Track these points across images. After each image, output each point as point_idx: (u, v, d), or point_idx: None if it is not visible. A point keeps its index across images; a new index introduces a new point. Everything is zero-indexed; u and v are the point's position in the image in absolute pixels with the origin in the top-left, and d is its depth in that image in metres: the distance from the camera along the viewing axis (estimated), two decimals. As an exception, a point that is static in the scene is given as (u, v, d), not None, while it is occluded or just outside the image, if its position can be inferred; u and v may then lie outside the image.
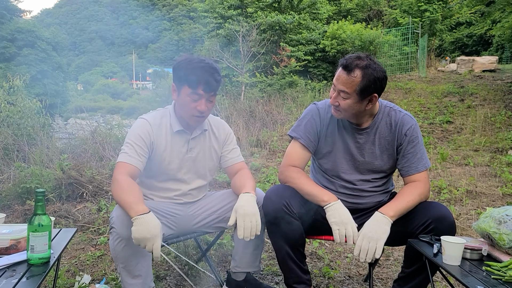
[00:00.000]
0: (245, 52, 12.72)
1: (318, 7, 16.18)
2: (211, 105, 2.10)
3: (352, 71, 1.93)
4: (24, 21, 35.13)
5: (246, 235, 1.91)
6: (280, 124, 8.64)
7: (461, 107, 9.57)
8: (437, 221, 1.92)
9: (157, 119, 2.16)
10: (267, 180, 4.86)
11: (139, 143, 2.05)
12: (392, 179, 2.33)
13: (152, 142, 2.10)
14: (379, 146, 2.14)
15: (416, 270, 2.01)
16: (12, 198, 3.83)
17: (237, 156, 2.33)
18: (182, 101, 2.06)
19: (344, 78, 1.95)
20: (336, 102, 2.00)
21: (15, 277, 1.50)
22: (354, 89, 1.94)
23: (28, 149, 4.79)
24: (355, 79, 1.93)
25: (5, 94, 6.82)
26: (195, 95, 2.02)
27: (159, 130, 2.13)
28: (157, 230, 1.74)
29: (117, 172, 1.97)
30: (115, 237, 1.92)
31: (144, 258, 1.98)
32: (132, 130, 2.11)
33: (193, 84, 2.00)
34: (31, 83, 22.77)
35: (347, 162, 2.17)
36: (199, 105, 2.04)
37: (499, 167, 5.70)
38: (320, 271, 2.78)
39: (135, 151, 2.04)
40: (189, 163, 2.22)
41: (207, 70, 2.01)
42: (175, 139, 2.16)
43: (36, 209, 1.63)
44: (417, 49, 15.37)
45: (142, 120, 2.13)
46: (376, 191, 2.19)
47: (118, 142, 5.51)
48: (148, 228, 1.72)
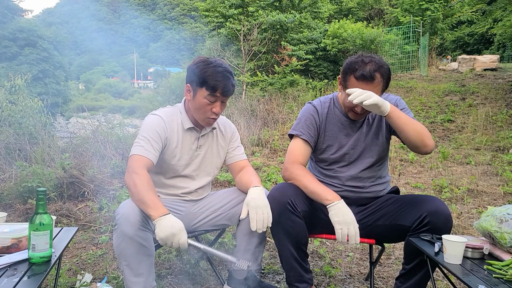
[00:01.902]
0: (246, 51, 12.71)
1: (319, 6, 16.15)
2: (224, 107, 2.15)
3: (374, 79, 1.99)
4: (25, 21, 35.17)
5: (259, 226, 1.96)
6: (281, 123, 8.64)
7: (463, 106, 9.55)
8: (432, 215, 1.93)
9: (169, 116, 2.19)
10: (268, 179, 4.86)
11: (155, 138, 2.08)
12: (387, 166, 2.38)
13: (166, 138, 2.14)
14: (375, 132, 2.22)
15: (416, 266, 2.02)
16: (14, 197, 3.84)
17: (241, 154, 2.37)
18: (198, 102, 2.10)
19: (370, 87, 2.00)
20: (364, 110, 2.05)
21: (16, 276, 1.51)
22: (380, 91, 2.04)
23: (30, 148, 4.79)
24: (380, 83, 2.02)
25: (7, 93, 6.82)
26: (212, 98, 2.06)
27: (172, 126, 2.17)
28: (181, 226, 1.82)
29: (136, 166, 1.99)
30: (119, 234, 1.92)
31: (147, 257, 1.98)
32: (146, 125, 2.13)
33: (211, 88, 2.04)
34: (33, 82, 22.79)
35: (352, 149, 2.22)
36: (214, 107, 2.09)
37: (501, 166, 5.69)
38: (321, 270, 2.78)
39: (151, 145, 2.06)
40: (198, 160, 2.26)
41: (225, 74, 2.06)
42: (186, 136, 2.21)
43: (37, 208, 1.63)
44: (418, 48, 15.35)
45: (156, 116, 2.16)
46: (374, 176, 2.25)
47: (120, 141, 5.51)
48: (172, 225, 1.79)
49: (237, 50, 14.03)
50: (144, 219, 1.95)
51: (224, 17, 15.21)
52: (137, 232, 1.91)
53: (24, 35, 31.81)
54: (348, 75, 2.04)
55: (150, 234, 2.00)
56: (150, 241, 1.99)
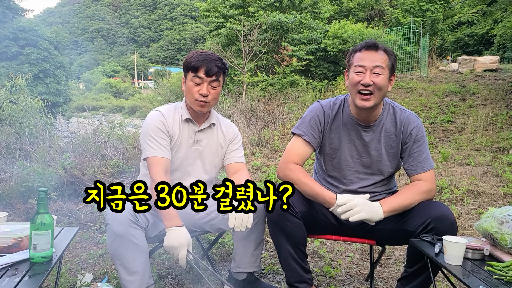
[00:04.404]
0: (246, 52, 12.71)
1: (319, 6, 16.16)
2: (214, 92, 2.16)
3: (379, 48, 2.01)
4: (26, 20, 35.15)
5: (237, 225, 1.96)
6: (282, 123, 8.63)
7: (463, 106, 9.55)
8: (437, 220, 1.91)
9: (171, 110, 2.24)
10: (268, 180, 4.86)
11: (159, 135, 2.13)
12: (394, 179, 2.32)
13: (168, 132, 2.16)
14: (385, 144, 2.13)
15: (418, 270, 2.00)
16: (15, 197, 3.84)
17: (239, 157, 2.35)
18: (187, 87, 2.16)
19: (375, 55, 2.00)
20: (371, 81, 1.98)
21: (17, 275, 1.51)
22: (386, 64, 2.02)
23: (31, 148, 4.79)
24: (385, 55, 2.01)
25: (8, 93, 6.83)
26: (197, 78, 2.11)
27: (173, 120, 2.21)
28: (185, 241, 1.89)
29: (154, 172, 2.04)
30: (110, 234, 1.94)
31: (141, 255, 1.98)
32: (147, 124, 2.16)
33: (194, 68, 2.11)
34: (33, 82, 22.83)
35: (353, 160, 2.16)
36: (201, 89, 2.12)
37: (501, 167, 5.69)
38: (322, 270, 2.78)
39: (159, 143, 2.11)
40: (195, 155, 2.26)
41: (209, 56, 2.14)
42: (184, 129, 2.23)
43: (38, 208, 1.63)
44: (419, 48, 15.34)
45: (155, 112, 2.20)
46: (377, 192, 2.19)
47: (120, 141, 5.51)
48: (177, 238, 1.88)
49: (237, 51, 14.05)
50: (134, 217, 1.95)
51: (224, 18, 15.22)
52: (128, 230, 1.92)
53: (25, 34, 31.80)
54: (353, 53, 2.06)
55: (141, 232, 2.00)
56: (142, 239, 1.99)
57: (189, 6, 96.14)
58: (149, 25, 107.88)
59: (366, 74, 1.98)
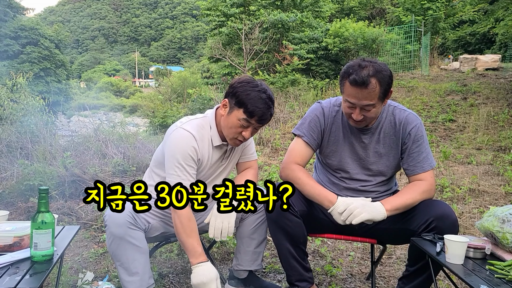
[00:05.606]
0: (247, 50, 12.71)
1: (320, 5, 16.13)
2: (255, 133, 2.09)
3: (369, 83, 1.88)
4: (27, 19, 35.23)
5: (216, 235, 1.97)
6: (283, 122, 8.63)
7: (464, 105, 9.53)
8: (439, 219, 1.91)
9: (200, 131, 2.08)
10: (269, 178, 4.86)
11: (189, 163, 2.01)
12: (395, 178, 2.32)
13: (199, 159, 2.07)
14: (384, 145, 2.13)
15: (420, 269, 2.00)
16: (16, 196, 3.84)
17: (250, 154, 2.33)
18: (230, 121, 2.01)
19: (364, 93, 1.90)
20: (361, 116, 1.96)
21: (18, 274, 1.51)
22: (377, 98, 1.93)
23: (31, 147, 4.79)
24: (375, 89, 1.90)
25: (9, 92, 6.83)
26: (246, 122, 1.98)
27: (203, 144, 2.08)
28: (214, 276, 1.88)
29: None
30: (109, 235, 1.95)
31: (140, 256, 1.98)
32: (178, 146, 2.00)
33: (249, 112, 1.95)
34: (34, 81, 22.84)
35: (353, 161, 2.16)
36: (245, 131, 2.01)
37: (502, 166, 5.68)
38: (323, 269, 2.78)
39: (187, 172, 1.99)
40: (221, 170, 2.22)
41: (267, 102, 1.98)
42: (214, 153, 2.13)
43: (39, 207, 1.63)
44: (420, 47, 15.32)
45: (186, 133, 2.02)
46: (379, 191, 2.18)
47: (121, 140, 5.51)
48: (205, 274, 1.86)
49: (238, 49, 14.04)
50: (133, 218, 1.95)
51: (225, 16, 15.21)
52: (127, 231, 1.92)
53: (26, 33, 31.87)
54: (344, 79, 1.97)
55: (141, 233, 2.00)
56: (141, 240, 1.99)
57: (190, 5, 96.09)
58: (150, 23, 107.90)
59: (356, 111, 1.96)
